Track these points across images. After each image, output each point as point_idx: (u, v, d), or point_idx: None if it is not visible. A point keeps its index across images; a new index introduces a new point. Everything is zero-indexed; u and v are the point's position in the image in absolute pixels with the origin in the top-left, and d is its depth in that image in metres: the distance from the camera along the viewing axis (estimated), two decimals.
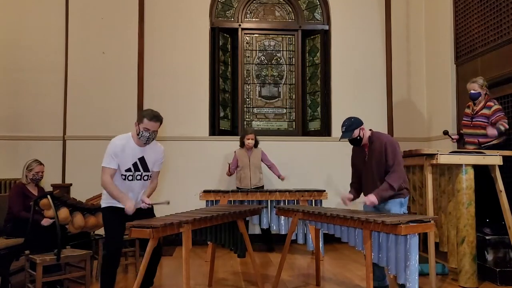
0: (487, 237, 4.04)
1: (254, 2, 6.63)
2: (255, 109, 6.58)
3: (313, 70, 6.63)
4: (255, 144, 5.51)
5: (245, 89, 6.57)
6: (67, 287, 3.81)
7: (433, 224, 3.06)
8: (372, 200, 3.30)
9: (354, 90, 6.22)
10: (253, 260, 3.78)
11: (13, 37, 5.90)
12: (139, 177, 3.31)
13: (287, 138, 6.19)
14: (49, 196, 3.63)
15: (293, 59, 6.64)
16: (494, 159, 3.94)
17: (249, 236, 3.80)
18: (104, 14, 6.04)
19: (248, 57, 6.61)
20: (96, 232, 4.49)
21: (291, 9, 6.67)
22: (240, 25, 6.52)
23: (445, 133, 4.69)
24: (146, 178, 3.35)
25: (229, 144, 6.04)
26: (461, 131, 4.61)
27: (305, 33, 6.63)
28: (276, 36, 6.67)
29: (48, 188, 5.30)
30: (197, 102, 6.08)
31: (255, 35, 6.63)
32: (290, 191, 5.11)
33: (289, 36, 6.65)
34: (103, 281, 3.19)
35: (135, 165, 3.27)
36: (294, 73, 6.63)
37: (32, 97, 5.87)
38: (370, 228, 2.99)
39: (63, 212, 3.73)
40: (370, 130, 3.54)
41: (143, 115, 3.23)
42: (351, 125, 3.45)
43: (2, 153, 5.79)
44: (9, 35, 5.90)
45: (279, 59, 6.66)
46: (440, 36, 5.81)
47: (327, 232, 3.43)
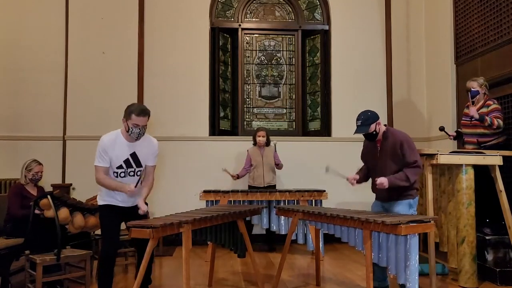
0: (487, 237, 4.04)
1: (254, 2, 6.63)
2: (255, 109, 6.58)
3: (313, 70, 6.63)
4: (267, 143, 5.51)
5: (245, 89, 6.56)
6: (67, 287, 3.81)
7: (433, 224, 3.06)
8: (383, 181, 3.22)
9: (354, 90, 6.22)
10: (253, 260, 3.78)
11: (13, 37, 5.90)
12: (132, 173, 3.25)
13: (287, 138, 6.18)
14: (49, 196, 3.64)
15: (293, 59, 6.64)
16: (494, 159, 3.94)
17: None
18: (104, 14, 6.03)
19: (248, 57, 6.61)
20: (96, 232, 4.49)
21: (291, 9, 6.67)
22: (240, 25, 6.52)
23: (441, 129, 4.59)
24: (139, 173, 3.28)
25: (229, 144, 6.05)
26: (459, 129, 4.60)
27: (305, 33, 6.63)
28: (276, 36, 6.67)
29: (48, 188, 5.30)
30: (197, 102, 6.07)
31: (255, 35, 6.63)
32: (290, 191, 5.11)
33: (289, 36, 6.65)
34: (100, 280, 3.17)
35: (126, 161, 3.21)
36: (294, 73, 6.63)
37: (32, 97, 5.87)
38: (370, 228, 2.99)
39: (63, 212, 3.73)
40: (385, 125, 3.47)
41: (130, 111, 3.14)
42: (367, 119, 3.33)
43: (2, 153, 5.79)
44: (9, 35, 5.90)
45: (279, 59, 6.66)
46: (440, 36, 5.81)
47: (327, 232, 3.43)
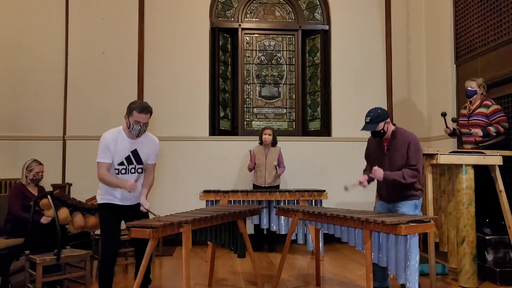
0: (487, 237, 4.04)
1: (254, 2, 6.63)
2: (255, 109, 6.58)
3: (313, 70, 6.63)
4: (273, 143, 5.51)
5: (245, 89, 6.56)
6: (67, 287, 3.81)
7: (433, 224, 3.06)
8: (378, 172, 3.24)
9: (354, 90, 6.21)
10: (253, 260, 3.78)
11: (13, 37, 5.90)
12: (133, 170, 3.27)
13: (287, 138, 6.18)
14: (49, 196, 3.64)
15: (293, 59, 6.64)
16: (494, 159, 3.94)
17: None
18: (104, 14, 6.03)
19: (248, 57, 6.61)
20: (96, 232, 4.48)
21: (291, 9, 6.67)
22: (240, 25, 6.52)
23: (443, 115, 4.52)
24: (140, 171, 3.31)
25: (229, 144, 6.05)
26: (457, 128, 4.59)
27: (305, 33, 6.62)
28: (276, 36, 6.67)
29: (48, 188, 5.30)
30: (197, 102, 6.07)
31: (255, 35, 6.63)
32: (290, 191, 5.11)
33: (289, 36, 6.65)
34: (101, 279, 3.18)
35: (128, 158, 3.24)
36: (294, 73, 6.63)
37: (32, 97, 5.87)
38: (370, 228, 2.99)
39: (63, 212, 3.73)
40: (394, 124, 3.46)
41: (132, 108, 3.17)
42: (377, 116, 3.30)
43: (2, 153, 5.78)
44: (9, 35, 5.90)
45: (279, 59, 6.66)
46: (440, 36, 5.81)
47: (327, 232, 3.43)
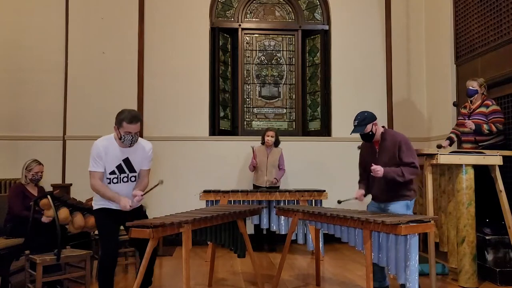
0: (487, 237, 4.04)
1: (254, 2, 6.63)
2: (255, 109, 6.58)
3: (313, 70, 6.63)
4: (276, 144, 5.51)
5: (245, 89, 6.56)
6: (67, 287, 3.81)
7: (433, 224, 3.06)
8: (378, 169, 3.24)
9: (354, 90, 6.21)
10: (253, 260, 3.78)
11: (13, 37, 5.90)
12: (125, 179, 3.18)
13: (287, 138, 6.18)
14: (49, 196, 3.64)
15: (293, 59, 6.64)
16: (494, 159, 3.94)
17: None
18: (104, 14, 6.03)
19: (248, 57, 6.61)
20: (96, 232, 4.48)
21: (291, 9, 6.67)
22: (240, 25, 6.52)
23: (439, 147, 4.44)
24: (133, 179, 3.21)
25: (229, 144, 6.05)
26: (450, 134, 4.59)
27: (305, 33, 6.62)
28: (276, 36, 6.67)
29: (48, 188, 5.30)
30: (197, 102, 6.07)
31: (255, 35, 6.63)
32: (290, 191, 5.11)
33: (289, 36, 6.65)
34: (101, 283, 3.12)
35: (119, 167, 3.13)
36: (294, 73, 6.63)
37: (32, 97, 5.87)
38: (370, 228, 2.99)
39: (63, 212, 3.73)
40: (383, 127, 3.48)
41: (121, 119, 3.02)
42: (364, 119, 3.35)
43: (2, 153, 5.78)
44: (9, 35, 5.90)
45: (279, 59, 6.66)
46: (440, 36, 5.81)
47: (327, 232, 3.43)
